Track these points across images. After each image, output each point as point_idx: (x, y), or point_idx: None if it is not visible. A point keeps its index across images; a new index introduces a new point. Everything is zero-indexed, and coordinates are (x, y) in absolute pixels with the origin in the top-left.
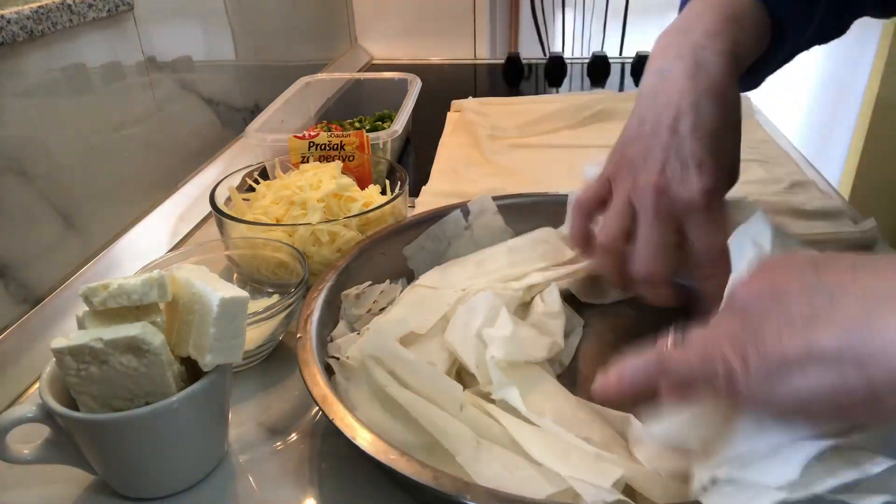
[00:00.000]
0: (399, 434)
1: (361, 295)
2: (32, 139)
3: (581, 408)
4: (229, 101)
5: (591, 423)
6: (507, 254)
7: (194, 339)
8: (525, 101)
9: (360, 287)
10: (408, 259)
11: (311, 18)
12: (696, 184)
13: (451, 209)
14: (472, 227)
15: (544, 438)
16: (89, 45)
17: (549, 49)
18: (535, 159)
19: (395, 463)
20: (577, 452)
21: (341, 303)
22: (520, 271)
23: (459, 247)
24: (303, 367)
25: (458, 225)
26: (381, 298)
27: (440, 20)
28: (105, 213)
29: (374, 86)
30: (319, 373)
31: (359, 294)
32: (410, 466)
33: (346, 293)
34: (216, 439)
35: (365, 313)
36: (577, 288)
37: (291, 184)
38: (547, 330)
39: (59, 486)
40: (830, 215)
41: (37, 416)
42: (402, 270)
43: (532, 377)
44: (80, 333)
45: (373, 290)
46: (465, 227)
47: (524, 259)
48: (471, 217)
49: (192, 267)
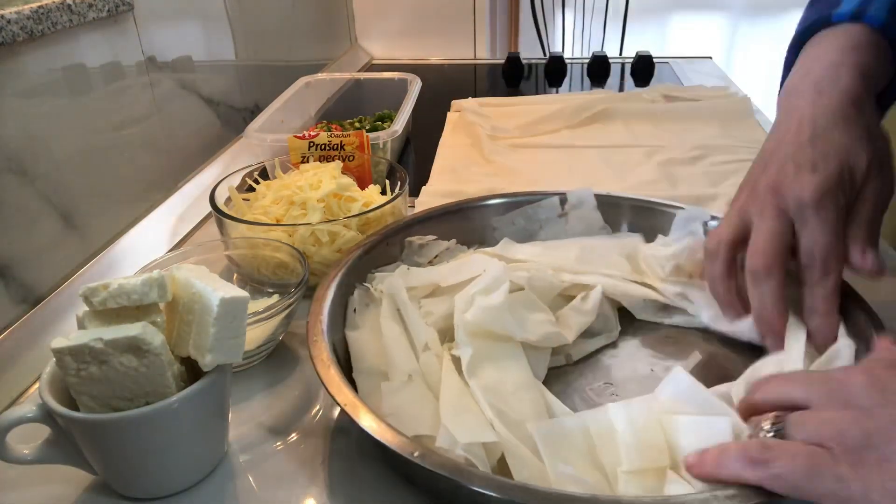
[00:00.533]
0: (371, 358)
1: (424, 245)
2: (32, 139)
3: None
4: (229, 101)
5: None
6: (580, 248)
7: (194, 339)
8: (525, 101)
9: (424, 238)
10: (495, 230)
11: (311, 18)
12: (809, 182)
13: (547, 195)
14: (567, 217)
15: (462, 397)
16: (89, 45)
17: (549, 49)
18: (535, 159)
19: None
20: (475, 416)
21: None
22: (580, 268)
23: (551, 232)
24: (318, 366)
25: (554, 210)
26: (443, 254)
27: (440, 20)
28: (105, 213)
29: (374, 86)
30: (339, 375)
31: (422, 244)
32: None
33: (410, 240)
34: (216, 439)
35: (426, 263)
36: (630, 302)
37: (291, 184)
38: (564, 322)
39: (59, 486)
40: None
41: (37, 416)
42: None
43: (500, 350)
44: (80, 333)
45: (437, 244)
46: (559, 214)
47: (595, 258)
48: (567, 206)
49: (192, 267)
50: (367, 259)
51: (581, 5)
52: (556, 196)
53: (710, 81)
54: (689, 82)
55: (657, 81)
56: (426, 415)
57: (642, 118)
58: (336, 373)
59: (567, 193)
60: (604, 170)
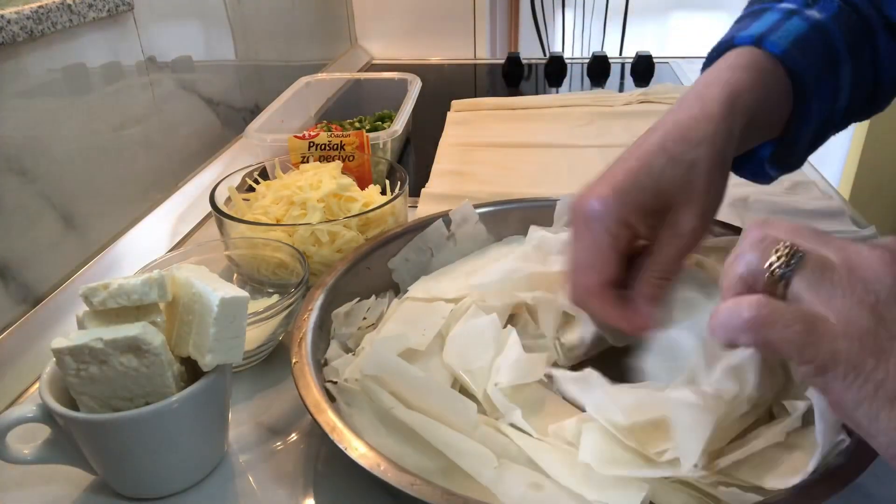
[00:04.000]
0: (412, 458)
1: (350, 313)
2: (32, 139)
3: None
4: (229, 101)
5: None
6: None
7: (194, 339)
8: (525, 101)
9: (348, 305)
10: (393, 272)
11: (310, 18)
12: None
13: (433, 219)
14: (454, 237)
15: (560, 457)
16: (89, 45)
17: (549, 49)
18: (535, 159)
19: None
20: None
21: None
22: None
23: (443, 256)
24: (304, 393)
25: (440, 234)
26: (369, 315)
27: (440, 20)
28: (105, 213)
29: (374, 86)
30: (323, 399)
31: (348, 312)
32: (435, 494)
33: (335, 312)
34: (216, 439)
35: (355, 331)
36: None
37: (291, 184)
38: (541, 346)
39: (59, 486)
40: (830, 215)
41: (37, 416)
42: (388, 284)
43: (535, 397)
44: (80, 333)
45: (360, 306)
46: (447, 236)
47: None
48: (453, 226)
49: (192, 267)
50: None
51: (581, 5)
52: (440, 219)
53: None
54: (689, 82)
55: (657, 81)
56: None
57: (643, 118)
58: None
59: (450, 213)
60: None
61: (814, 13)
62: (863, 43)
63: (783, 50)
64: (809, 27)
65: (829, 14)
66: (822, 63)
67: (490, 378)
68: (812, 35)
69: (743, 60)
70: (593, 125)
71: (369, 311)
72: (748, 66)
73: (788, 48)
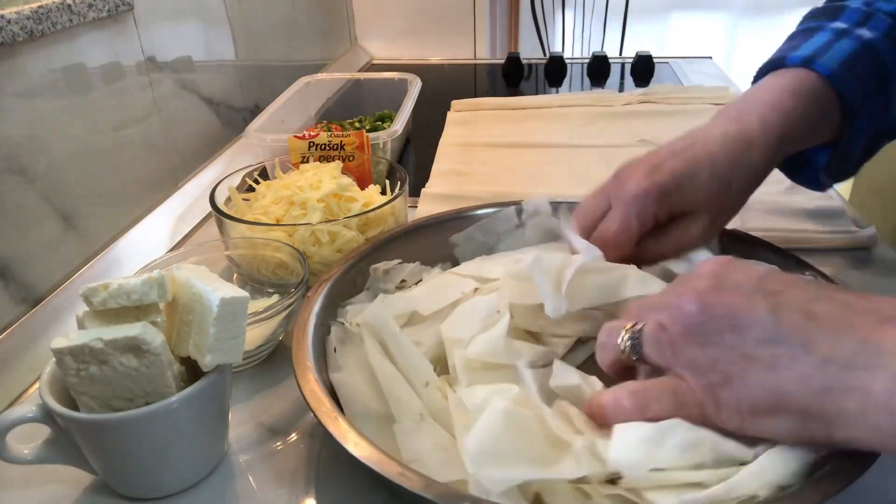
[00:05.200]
0: (364, 400)
1: (389, 271)
2: (32, 139)
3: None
4: (229, 101)
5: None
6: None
7: (194, 339)
8: (525, 101)
9: (389, 263)
10: (455, 246)
11: (311, 18)
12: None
13: (504, 206)
14: (524, 226)
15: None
16: (89, 45)
17: (549, 49)
18: (535, 159)
19: (398, 477)
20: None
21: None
22: None
23: (510, 244)
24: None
25: (510, 222)
26: (409, 277)
27: (440, 20)
28: (105, 213)
29: (374, 86)
30: (325, 397)
31: (387, 269)
32: (411, 481)
33: (374, 267)
34: (216, 439)
35: (392, 288)
36: None
37: (291, 184)
38: (551, 341)
39: (59, 486)
40: (830, 215)
41: (37, 416)
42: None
43: (502, 380)
44: (80, 333)
45: (402, 267)
46: (517, 224)
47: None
48: (524, 216)
49: (192, 267)
50: (336, 291)
51: (581, 5)
52: (513, 206)
53: (710, 81)
54: (689, 82)
55: (657, 81)
56: (451, 458)
57: (643, 118)
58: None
59: (523, 203)
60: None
61: (864, 31)
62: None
63: (831, 71)
64: (859, 46)
65: (880, 32)
66: (871, 80)
67: (465, 350)
68: (862, 54)
69: (794, 84)
70: (593, 125)
71: (409, 274)
72: (797, 90)
73: (837, 69)
